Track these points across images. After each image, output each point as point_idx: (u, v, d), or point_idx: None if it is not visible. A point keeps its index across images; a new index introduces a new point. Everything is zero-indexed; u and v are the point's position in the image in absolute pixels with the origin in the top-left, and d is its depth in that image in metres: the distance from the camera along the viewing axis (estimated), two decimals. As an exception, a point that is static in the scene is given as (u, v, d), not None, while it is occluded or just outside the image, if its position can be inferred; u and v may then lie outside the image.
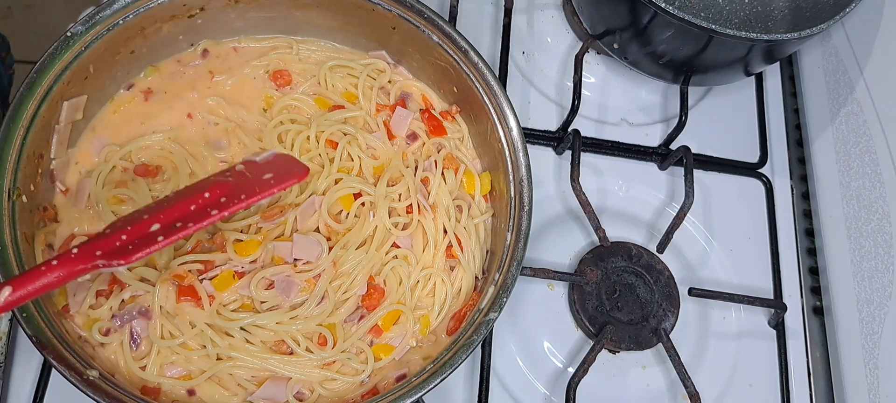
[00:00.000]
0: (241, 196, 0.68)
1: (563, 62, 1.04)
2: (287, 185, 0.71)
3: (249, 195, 0.68)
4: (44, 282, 0.60)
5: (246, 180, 0.71)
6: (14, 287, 0.59)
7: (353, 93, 0.87)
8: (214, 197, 0.68)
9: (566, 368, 0.87)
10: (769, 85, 1.07)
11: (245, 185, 0.69)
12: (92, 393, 0.65)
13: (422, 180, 0.83)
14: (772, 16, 1.00)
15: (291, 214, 0.79)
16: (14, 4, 1.86)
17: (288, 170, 0.72)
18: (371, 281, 0.79)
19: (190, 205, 0.67)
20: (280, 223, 0.78)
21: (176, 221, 0.66)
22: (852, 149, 0.92)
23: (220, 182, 0.70)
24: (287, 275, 0.76)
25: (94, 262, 0.63)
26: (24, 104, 0.72)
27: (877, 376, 0.83)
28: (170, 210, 0.67)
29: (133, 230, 0.65)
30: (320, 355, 0.75)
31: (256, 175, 0.71)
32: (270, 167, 0.73)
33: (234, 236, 0.77)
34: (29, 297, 0.60)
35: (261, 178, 0.70)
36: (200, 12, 0.83)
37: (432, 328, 0.79)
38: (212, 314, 0.74)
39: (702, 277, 0.94)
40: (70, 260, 0.62)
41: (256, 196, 0.68)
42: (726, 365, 0.90)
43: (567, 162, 0.92)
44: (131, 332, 0.73)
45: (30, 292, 0.60)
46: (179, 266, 0.75)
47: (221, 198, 0.68)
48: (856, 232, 0.90)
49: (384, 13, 0.83)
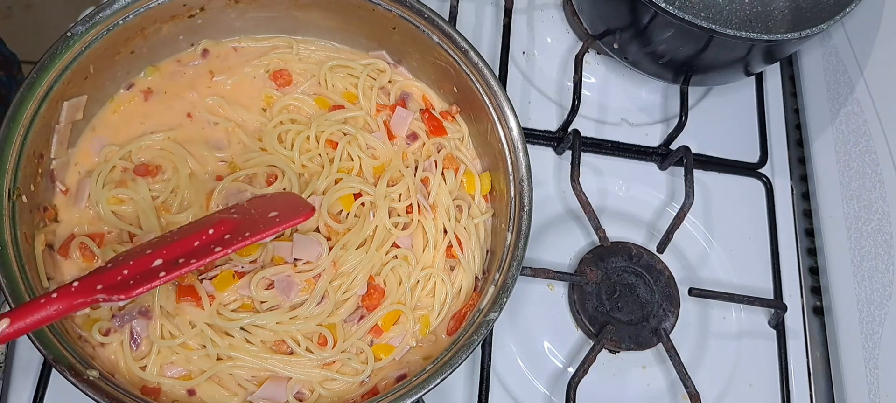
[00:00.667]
0: (246, 233, 0.68)
1: (563, 62, 1.04)
2: (292, 224, 0.71)
3: (254, 233, 0.69)
4: (42, 315, 0.60)
5: (250, 217, 0.71)
6: (12, 319, 0.59)
7: (353, 93, 0.87)
8: (219, 233, 0.68)
9: (566, 368, 0.87)
10: (769, 85, 1.07)
11: (250, 222, 0.70)
12: (92, 393, 0.65)
13: (422, 180, 0.83)
14: (772, 16, 1.00)
15: None
16: (14, 4, 1.86)
17: (293, 207, 0.73)
18: (371, 281, 0.79)
19: (194, 242, 0.67)
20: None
21: (178, 257, 0.66)
22: (852, 149, 0.92)
23: (225, 218, 0.70)
24: (287, 275, 0.76)
25: (95, 296, 0.63)
26: (24, 104, 0.72)
27: (877, 376, 0.83)
28: (173, 246, 0.67)
29: (135, 264, 0.65)
30: (320, 355, 0.75)
31: (261, 212, 0.72)
32: (275, 204, 0.73)
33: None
34: (27, 330, 0.60)
35: (266, 216, 0.71)
36: (200, 12, 0.83)
37: (432, 328, 0.79)
38: (212, 314, 0.74)
39: (702, 277, 0.94)
40: (70, 294, 0.62)
41: (261, 233, 0.69)
42: (726, 365, 0.90)
43: (567, 162, 0.92)
44: (131, 332, 0.73)
45: (28, 325, 0.60)
46: None
47: (226, 235, 0.68)
48: (856, 232, 0.90)
49: (384, 13, 0.83)
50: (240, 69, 0.87)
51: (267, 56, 0.88)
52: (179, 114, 0.84)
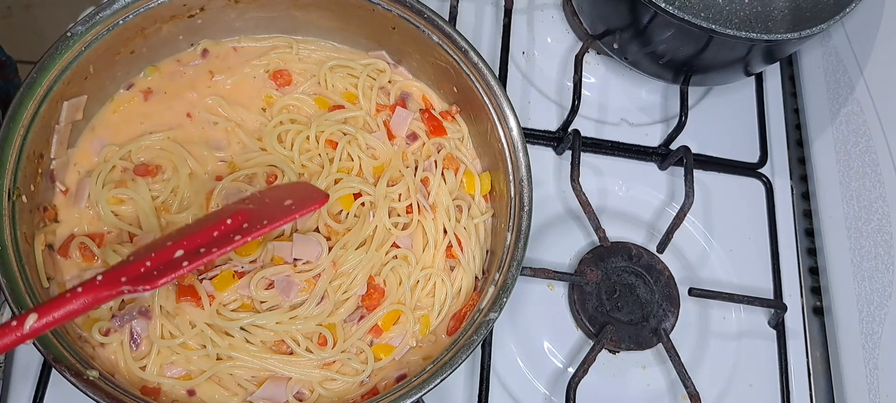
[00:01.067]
0: (263, 221, 0.69)
1: (563, 62, 1.04)
2: (308, 211, 0.72)
3: (271, 220, 0.69)
4: (69, 309, 0.60)
5: (266, 206, 0.72)
6: (39, 314, 0.59)
7: (353, 93, 0.87)
8: (237, 223, 0.69)
9: (566, 368, 0.87)
10: (769, 85, 1.07)
11: (266, 211, 0.71)
12: (92, 393, 0.65)
13: (422, 180, 0.83)
14: (772, 16, 1.00)
15: None
16: (14, 4, 1.86)
17: (308, 195, 0.73)
18: (371, 281, 0.79)
19: (213, 232, 0.68)
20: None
21: (199, 247, 0.67)
22: (852, 149, 0.92)
23: (242, 209, 0.71)
24: (287, 275, 0.76)
25: (120, 288, 0.63)
26: (24, 104, 0.72)
27: (877, 376, 0.83)
28: (193, 237, 0.68)
29: (157, 256, 0.66)
30: (320, 355, 0.75)
31: (276, 201, 0.72)
32: (290, 193, 0.74)
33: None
34: (55, 324, 0.60)
35: (281, 204, 0.71)
36: (200, 12, 0.83)
37: (432, 328, 0.79)
38: (212, 314, 0.74)
39: (702, 277, 0.94)
40: (95, 287, 0.62)
41: (278, 221, 0.70)
42: (726, 365, 0.90)
43: (567, 162, 0.92)
44: (131, 332, 0.73)
45: (56, 319, 0.60)
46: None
47: (244, 224, 0.69)
48: (856, 232, 0.90)
49: (384, 13, 0.83)
50: (240, 69, 0.87)
51: (267, 56, 0.88)
52: (179, 114, 0.84)
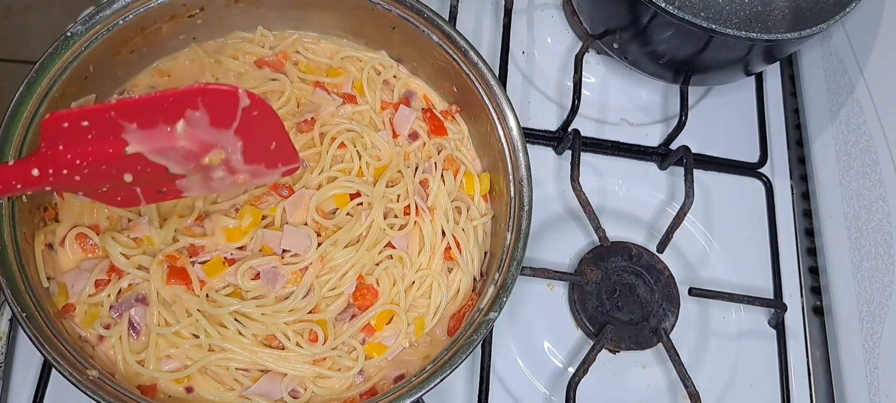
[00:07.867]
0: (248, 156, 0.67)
1: (563, 62, 1.04)
2: (285, 172, 0.71)
3: (253, 161, 0.68)
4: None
5: (250, 136, 0.66)
6: None
7: (338, 70, 0.87)
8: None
9: (566, 368, 0.87)
10: (769, 85, 1.07)
11: (251, 148, 0.66)
12: (92, 393, 0.65)
13: (421, 182, 0.83)
14: (772, 16, 1.00)
15: (281, 205, 0.79)
16: (14, 4, 1.86)
17: (282, 152, 0.70)
18: (361, 281, 0.78)
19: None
20: (271, 208, 0.78)
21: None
22: (852, 149, 0.92)
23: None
24: (273, 266, 0.76)
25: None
26: (24, 104, 0.72)
27: (877, 376, 0.83)
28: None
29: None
30: (310, 350, 0.74)
31: (259, 132, 0.66)
32: (275, 135, 0.68)
33: (224, 222, 0.77)
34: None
35: (268, 148, 0.68)
36: (200, 12, 0.83)
37: (427, 329, 0.79)
38: (202, 299, 0.74)
39: (702, 277, 0.94)
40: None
41: (259, 168, 0.69)
42: (726, 365, 0.90)
43: (567, 162, 0.92)
44: (130, 321, 0.73)
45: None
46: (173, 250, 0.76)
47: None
48: (856, 232, 0.90)
49: (384, 13, 0.83)
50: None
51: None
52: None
